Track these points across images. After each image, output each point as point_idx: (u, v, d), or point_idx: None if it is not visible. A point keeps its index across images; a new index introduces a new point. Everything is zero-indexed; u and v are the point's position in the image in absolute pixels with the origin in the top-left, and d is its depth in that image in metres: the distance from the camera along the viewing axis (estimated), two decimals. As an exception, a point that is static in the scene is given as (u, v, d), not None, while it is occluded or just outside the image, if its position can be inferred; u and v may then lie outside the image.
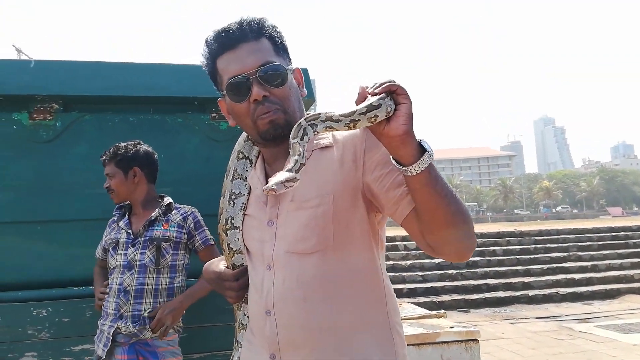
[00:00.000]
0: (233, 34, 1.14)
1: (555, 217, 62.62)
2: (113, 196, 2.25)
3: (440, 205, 0.98)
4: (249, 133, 1.24)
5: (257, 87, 1.12)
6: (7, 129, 2.49)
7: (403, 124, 0.91)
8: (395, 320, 1.20)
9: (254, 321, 1.23)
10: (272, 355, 1.15)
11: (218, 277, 1.29)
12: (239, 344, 1.34)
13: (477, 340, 3.33)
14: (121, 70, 2.61)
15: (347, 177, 1.13)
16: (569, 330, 7.27)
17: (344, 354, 1.12)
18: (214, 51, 1.17)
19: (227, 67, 1.15)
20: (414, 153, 0.94)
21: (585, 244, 13.25)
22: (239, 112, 1.17)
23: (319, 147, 1.18)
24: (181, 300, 2.10)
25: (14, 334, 2.27)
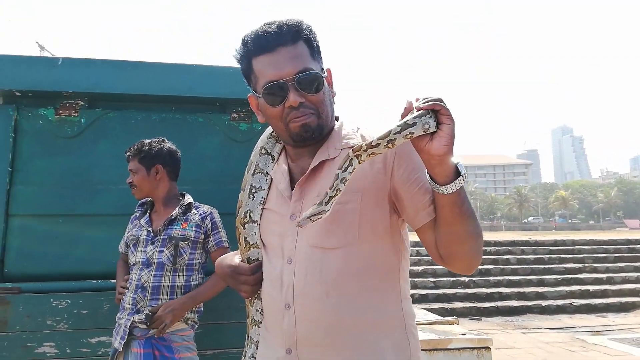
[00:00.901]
0: (271, 36, 1.15)
1: (570, 227, 61.76)
2: (135, 192, 2.29)
3: (460, 224, 1.04)
4: (280, 134, 1.25)
5: (293, 94, 1.14)
6: (33, 124, 2.56)
7: (445, 145, 0.96)
8: (411, 322, 1.21)
9: (270, 316, 1.24)
10: (289, 349, 1.16)
11: (234, 271, 1.29)
12: (251, 340, 1.35)
13: (489, 348, 3.32)
14: (145, 69, 2.66)
15: (376, 179, 1.16)
16: (582, 342, 7.18)
17: (361, 353, 1.13)
18: (251, 51, 1.18)
19: (265, 70, 1.16)
20: (449, 173, 1.00)
21: (601, 256, 13.08)
22: (272, 114, 1.19)
23: (348, 146, 1.20)
24: (183, 301, 2.10)
25: (34, 323, 2.33)
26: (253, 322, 1.34)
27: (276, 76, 1.14)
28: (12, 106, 2.55)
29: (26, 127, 2.56)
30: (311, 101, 1.16)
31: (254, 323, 1.34)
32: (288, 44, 1.15)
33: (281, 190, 1.25)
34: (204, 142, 2.73)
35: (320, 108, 1.18)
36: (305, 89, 1.15)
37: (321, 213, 1.03)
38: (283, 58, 1.15)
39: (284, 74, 1.14)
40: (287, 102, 1.15)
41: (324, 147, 1.22)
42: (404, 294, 1.21)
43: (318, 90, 1.17)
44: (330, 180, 1.08)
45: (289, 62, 1.14)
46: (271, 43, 1.15)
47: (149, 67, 2.67)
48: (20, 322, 2.31)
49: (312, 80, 1.16)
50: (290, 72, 1.14)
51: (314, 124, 1.17)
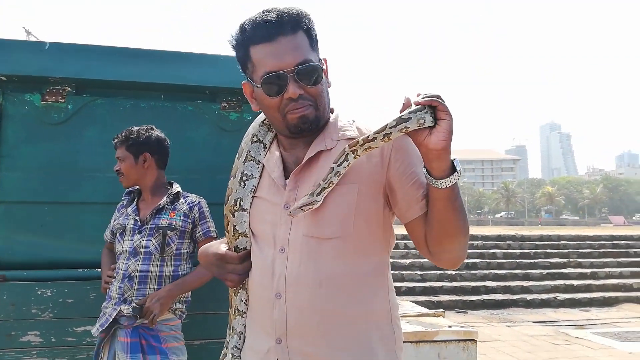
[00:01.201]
0: (272, 25, 1.13)
1: (556, 223, 62.49)
2: (122, 180, 2.26)
3: (451, 219, 1.07)
4: (275, 125, 1.23)
5: (293, 86, 1.13)
6: (19, 109, 2.52)
7: (442, 139, 0.99)
8: (395, 314, 1.22)
9: (258, 306, 1.23)
10: (278, 339, 1.15)
11: (220, 259, 1.26)
12: (234, 330, 1.32)
13: (474, 340, 3.35)
14: (134, 56, 2.61)
15: (373, 171, 1.16)
16: (566, 335, 7.28)
17: (351, 343, 1.14)
18: (250, 39, 1.15)
19: (264, 60, 1.14)
20: (445, 168, 1.03)
21: (586, 251, 13.26)
22: (269, 105, 1.17)
23: (345, 137, 1.20)
24: (169, 289, 2.09)
25: (19, 312, 2.30)
26: (237, 312, 1.31)
27: (276, 67, 1.12)
28: (-3, 91, 2.50)
29: (12, 113, 2.51)
30: (310, 93, 1.15)
31: (237, 313, 1.31)
32: (288, 33, 1.13)
33: (275, 178, 1.23)
34: (194, 131, 2.70)
35: (319, 100, 1.18)
36: (305, 80, 1.14)
37: (312, 203, 1.04)
38: (283, 48, 1.13)
39: (283, 65, 1.12)
40: (286, 94, 1.13)
41: (320, 138, 1.22)
42: (390, 286, 1.23)
43: (317, 83, 1.16)
44: (326, 171, 1.10)
45: (289, 53, 1.13)
46: (271, 32, 1.13)
47: (139, 54, 2.62)
48: (4, 310, 2.29)
49: (311, 72, 1.15)
50: (290, 63, 1.12)
51: (311, 115, 1.16)
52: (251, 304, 1.27)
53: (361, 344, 1.15)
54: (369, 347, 1.15)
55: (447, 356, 3.28)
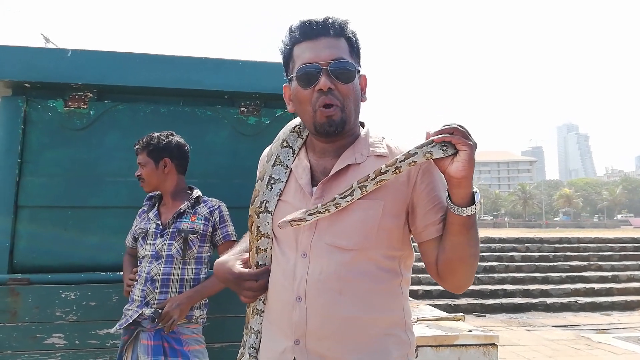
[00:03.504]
0: (316, 26, 1.21)
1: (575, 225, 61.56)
2: (143, 185, 2.29)
3: (464, 246, 1.14)
4: (305, 121, 1.27)
5: (325, 78, 1.19)
6: (43, 115, 2.57)
7: (461, 169, 1.06)
8: (409, 321, 1.27)
9: (278, 306, 1.25)
10: (297, 340, 1.19)
11: (237, 278, 1.27)
12: (251, 329, 1.36)
13: (495, 345, 3.31)
14: (154, 62, 2.65)
15: (399, 190, 1.21)
16: (587, 340, 7.16)
17: (367, 346, 1.18)
18: (295, 38, 1.24)
19: (302, 54, 1.22)
20: (464, 196, 1.10)
21: (607, 254, 13.03)
22: (302, 98, 1.23)
23: (374, 154, 1.26)
24: (189, 295, 2.11)
25: (43, 315, 2.34)
26: (255, 311, 1.35)
27: (312, 59, 1.20)
28: (22, 97, 2.56)
29: (35, 119, 2.57)
30: (340, 91, 1.21)
31: (255, 312, 1.35)
32: (330, 35, 1.22)
33: (302, 185, 1.27)
34: (213, 135, 2.73)
35: (346, 101, 1.22)
36: (337, 76, 1.20)
37: (301, 221, 1.11)
38: (322, 45, 1.21)
39: (319, 59, 1.20)
40: (317, 85, 1.19)
41: (350, 151, 1.27)
42: (405, 295, 1.28)
43: (349, 81, 1.22)
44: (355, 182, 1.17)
45: (327, 49, 1.21)
46: (315, 32, 1.22)
47: (158, 60, 2.66)
48: (29, 313, 2.32)
49: (344, 70, 1.21)
50: (326, 57, 1.20)
51: (337, 117, 1.21)
52: (270, 304, 1.29)
53: (377, 348, 1.19)
54: (384, 351, 1.19)
55: (468, 360, 3.25)
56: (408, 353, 1.24)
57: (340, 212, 1.19)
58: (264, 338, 1.32)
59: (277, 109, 2.78)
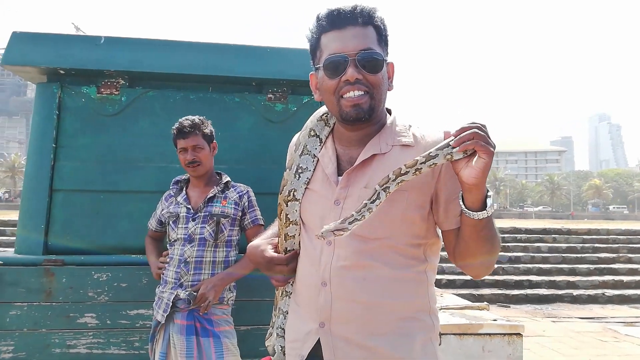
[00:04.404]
0: (344, 14, 1.19)
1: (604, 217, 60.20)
2: (198, 169, 2.25)
3: (476, 245, 1.15)
4: (331, 110, 1.28)
5: (352, 69, 1.18)
6: (76, 101, 2.63)
7: (474, 176, 1.05)
8: (434, 306, 1.29)
9: (304, 290, 1.30)
10: (322, 323, 1.23)
11: (269, 262, 1.33)
12: (280, 310, 1.41)
13: (520, 334, 3.30)
14: (183, 49, 2.69)
15: (424, 181, 1.21)
16: (614, 332, 7.04)
17: (391, 331, 1.21)
18: (322, 27, 1.23)
19: (329, 44, 1.21)
20: (475, 201, 1.09)
21: (637, 246, 12.72)
22: (328, 87, 1.23)
23: (400, 144, 1.26)
24: (222, 277, 2.17)
25: (76, 295, 2.42)
26: (284, 293, 1.41)
27: (339, 50, 1.19)
28: (56, 84, 2.62)
29: (69, 105, 2.63)
30: (369, 80, 1.20)
31: (285, 294, 1.41)
32: (358, 24, 1.20)
33: (328, 174, 1.28)
34: (240, 121, 2.76)
35: (375, 90, 1.22)
36: (365, 67, 1.19)
37: (343, 230, 1.10)
38: (350, 34, 1.19)
39: (346, 49, 1.18)
40: (344, 76, 1.19)
41: (376, 140, 1.26)
42: (430, 281, 1.29)
43: (377, 72, 1.21)
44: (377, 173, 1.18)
45: (354, 39, 1.19)
46: (342, 21, 1.20)
47: (188, 47, 2.69)
48: (63, 293, 2.41)
49: (372, 60, 1.20)
50: (354, 48, 1.18)
51: (366, 105, 1.21)
52: (297, 287, 1.34)
53: (401, 332, 1.21)
54: (408, 336, 1.21)
55: (492, 349, 3.25)
56: (432, 337, 1.26)
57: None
58: (291, 319, 1.36)
59: (304, 95, 2.79)
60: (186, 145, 2.22)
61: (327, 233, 1.10)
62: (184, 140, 2.22)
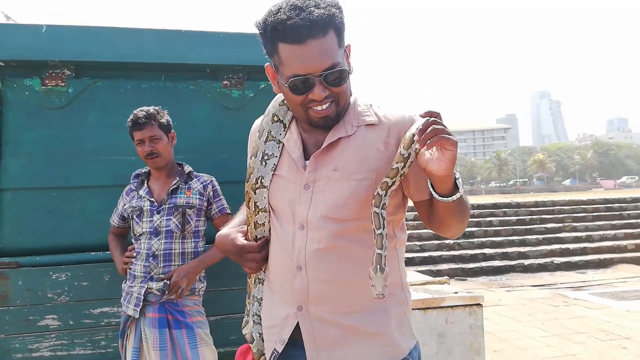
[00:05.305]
0: (302, 29, 1.10)
1: (548, 189, 63.02)
2: (158, 160, 2.19)
3: (452, 218, 1.19)
4: (297, 116, 1.27)
5: (319, 89, 1.15)
6: (20, 95, 2.49)
7: (444, 168, 1.06)
8: (405, 281, 1.33)
9: (278, 276, 1.29)
10: (300, 307, 1.23)
11: (240, 250, 1.31)
12: (254, 298, 1.41)
13: (480, 305, 3.42)
14: (132, 36, 2.58)
15: (390, 159, 1.21)
16: (564, 297, 7.44)
17: (367, 307, 1.23)
18: (279, 36, 1.13)
19: (292, 62, 1.14)
20: (447, 187, 1.11)
21: (580, 215, 13.42)
22: (293, 100, 1.20)
23: (364, 123, 1.26)
24: (194, 265, 2.15)
25: (35, 297, 2.32)
26: (257, 281, 1.41)
27: (303, 70, 1.13)
28: (-4, 77, 2.47)
29: (12, 99, 2.49)
30: (334, 92, 1.18)
31: (257, 282, 1.41)
32: (319, 36, 1.11)
33: (295, 159, 1.27)
34: (196, 110, 2.69)
35: (341, 97, 1.21)
36: (330, 83, 1.16)
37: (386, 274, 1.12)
38: (313, 52, 1.12)
39: (311, 70, 1.13)
40: (311, 95, 1.16)
41: (341, 124, 1.26)
42: (400, 256, 1.32)
43: (342, 84, 1.18)
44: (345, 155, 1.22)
45: (318, 57, 1.12)
46: (302, 35, 1.10)
47: (137, 34, 2.59)
48: (20, 296, 2.31)
49: (338, 76, 1.16)
50: (319, 67, 1.13)
51: (333, 114, 1.21)
52: (271, 273, 1.33)
53: (376, 308, 1.24)
54: (383, 310, 1.24)
55: (455, 321, 3.36)
56: (406, 311, 1.30)
57: (335, 185, 1.22)
58: (266, 305, 1.36)
59: (260, 81, 2.75)
60: (142, 137, 2.16)
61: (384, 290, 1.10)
62: (140, 132, 2.16)
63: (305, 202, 1.23)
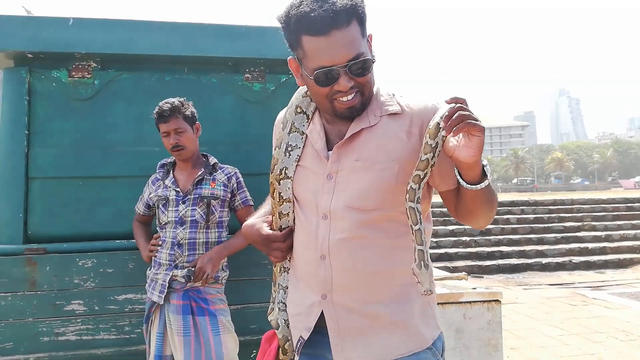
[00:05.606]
0: (326, 20, 1.11)
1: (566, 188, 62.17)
2: (183, 153, 2.23)
3: (480, 207, 1.18)
4: (321, 108, 1.28)
5: (344, 79, 1.16)
6: (47, 86, 2.55)
7: (472, 155, 1.06)
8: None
9: (303, 265, 1.31)
10: (324, 295, 1.25)
11: (266, 239, 1.34)
12: (279, 286, 1.43)
13: (499, 301, 3.41)
14: (157, 29, 2.61)
15: (413, 149, 1.21)
16: (583, 297, 7.36)
17: (391, 297, 1.24)
18: (302, 28, 1.14)
19: (317, 54, 1.15)
20: (476, 175, 1.11)
21: (600, 214, 13.24)
22: (317, 92, 1.21)
23: (387, 113, 1.26)
24: (218, 250, 2.20)
25: (61, 283, 2.38)
26: (282, 269, 1.43)
27: (329, 62, 1.14)
28: (25, 68, 2.53)
29: (40, 90, 2.55)
30: (359, 82, 1.19)
31: (282, 271, 1.43)
32: (343, 26, 1.12)
33: (318, 150, 1.29)
34: (218, 102, 2.72)
35: (366, 87, 1.21)
36: (355, 73, 1.17)
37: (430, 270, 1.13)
38: (338, 43, 1.13)
39: (337, 61, 1.14)
40: (336, 86, 1.17)
41: (364, 114, 1.26)
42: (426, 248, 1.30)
43: (366, 74, 1.19)
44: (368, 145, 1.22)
45: (343, 48, 1.13)
46: (326, 26, 1.11)
47: (161, 27, 2.62)
48: (48, 281, 2.36)
49: (363, 66, 1.17)
50: (344, 58, 1.14)
51: (358, 104, 1.21)
52: (296, 262, 1.35)
53: (400, 298, 1.24)
54: (408, 301, 1.25)
55: (472, 316, 3.35)
56: (430, 300, 1.29)
57: (357, 175, 1.22)
58: (291, 293, 1.38)
59: (281, 74, 2.78)
60: (168, 130, 2.20)
61: (431, 286, 1.11)
62: (165, 125, 2.20)
63: (328, 193, 1.24)
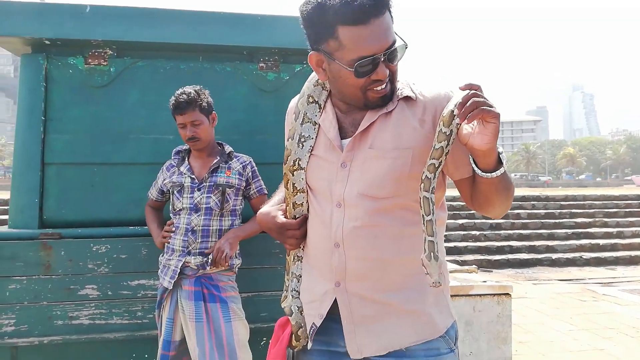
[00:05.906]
0: (366, 8, 1.10)
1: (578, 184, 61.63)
2: (198, 144, 2.24)
3: (496, 196, 1.17)
4: (351, 99, 1.25)
5: (383, 69, 1.15)
6: (64, 73, 2.58)
7: (487, 142, 1.05)
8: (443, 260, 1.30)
9: (317, 253, 1.31)
10: (337, 283, 1.25)
11: (281, 228, 1.35)
12: (292, 274, 1.43)
13: (509, 294, 3.41)
14: (173, 18, 2.63)
15: (426, 137, 1.20)
16: (593, 292, 7.31)
17: (404, 286, 1.24)
18: (340, 18, 1.12)
19: (358, 44, 1.13)
20: (491, 163, 1.10)
21: (612, 211, 13.11)
22: (354, 84, 1.18)
23: (402, 96, 1.24)
24: (235, 232, 2.23)
25: (76, 267, 2.41)
26: (295, 258, 1.43)
27: (370, 52, 1.12)
28: (42, 55, 2.56)
29: (56, 76, 2.58)
30: (392, 70, 1.19)
31: (296, 259, 1.42)
32: (379, 14, 1.12)
33: (331, 139, 1.28)
34: (232, 91, 2.74)
35: (395, 74, 1.21)
36: (391, 61, 1.17)
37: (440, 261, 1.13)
38: (377, 31, 1.12)
39: (378, 50, 1.13)
40: (374, 75, 1.15)
41: None
42: (440, 236, 1.29)
43: (397, 61, 1.19)
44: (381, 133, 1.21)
45: (382, 37, 1.13)
46: (366, 15, 1.10)
47: (177, 16, 2.63)
48: (62, 265, 2.40)
49: (396, 54, 1.17)
50: (383, 46, 1.13)
51: (389, 92, 1.21)
52: (309, 251, 1.35)
53: (413, 287, 1.24)
54: (421, 290, 1.24)
55: (482, 309, 3.35)
56: (444, 290, 1.29)
57: (371, 163, 1.22)
58: (305, 281, 1.38)
59: (296, 64, 2.78)
60: (184, 121, 2.21)
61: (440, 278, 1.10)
62: (182, 117, 2.21)
63: (342, 181, 1.24)
